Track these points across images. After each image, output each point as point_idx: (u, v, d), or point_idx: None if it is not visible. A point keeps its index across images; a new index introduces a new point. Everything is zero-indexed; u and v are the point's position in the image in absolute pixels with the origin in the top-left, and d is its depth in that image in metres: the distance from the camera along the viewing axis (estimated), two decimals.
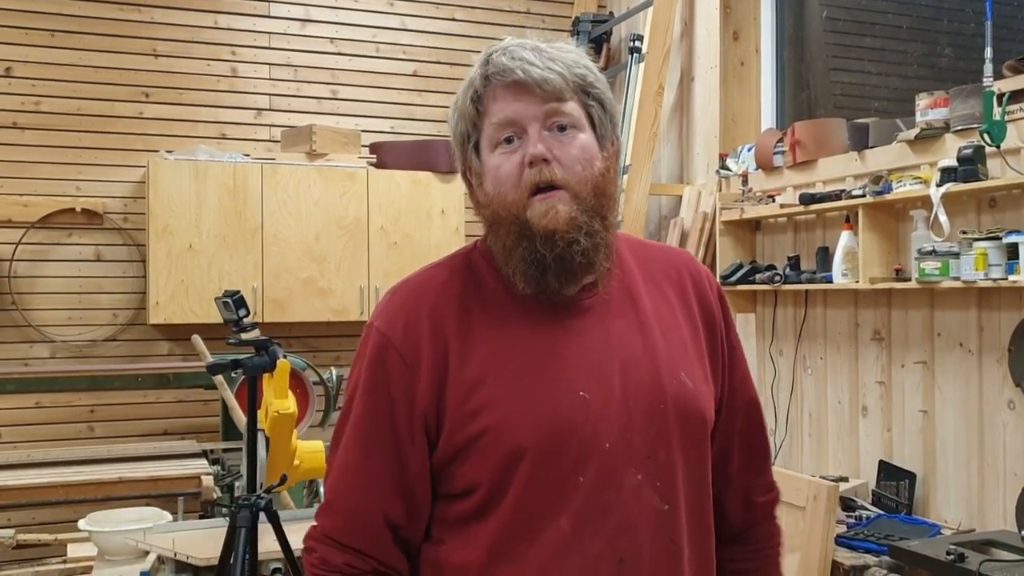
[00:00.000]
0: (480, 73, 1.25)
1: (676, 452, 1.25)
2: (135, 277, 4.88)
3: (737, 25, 4.61)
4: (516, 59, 1.21)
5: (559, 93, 1.21)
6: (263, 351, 2.52)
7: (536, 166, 1.19)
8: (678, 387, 1.26)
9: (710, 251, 4.46)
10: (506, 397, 1.20)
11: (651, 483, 1.22)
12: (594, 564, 1.18)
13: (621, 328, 1.27)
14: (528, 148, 1.20)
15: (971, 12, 3.59)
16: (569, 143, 1.21)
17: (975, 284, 2.96)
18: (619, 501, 1.19)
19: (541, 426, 1.19)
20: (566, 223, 1.19)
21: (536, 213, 1.19)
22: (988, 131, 2.89)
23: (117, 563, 2.83)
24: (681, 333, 1.32)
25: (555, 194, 1.20)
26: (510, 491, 1.19)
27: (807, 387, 3.99)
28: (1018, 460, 3.03)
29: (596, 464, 1.19)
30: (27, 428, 4.67)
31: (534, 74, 1.20)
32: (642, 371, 1.25)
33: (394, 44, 5.41)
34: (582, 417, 1.20)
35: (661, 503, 1.22)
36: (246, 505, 2.39)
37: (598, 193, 1.22)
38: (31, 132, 4.74)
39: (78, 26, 4.82)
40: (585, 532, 1.18)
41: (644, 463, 1.21)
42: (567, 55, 1.24)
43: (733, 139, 4.53)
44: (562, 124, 1.22)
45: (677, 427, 1.25)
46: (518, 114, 1.21)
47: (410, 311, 1.26)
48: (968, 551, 2.64)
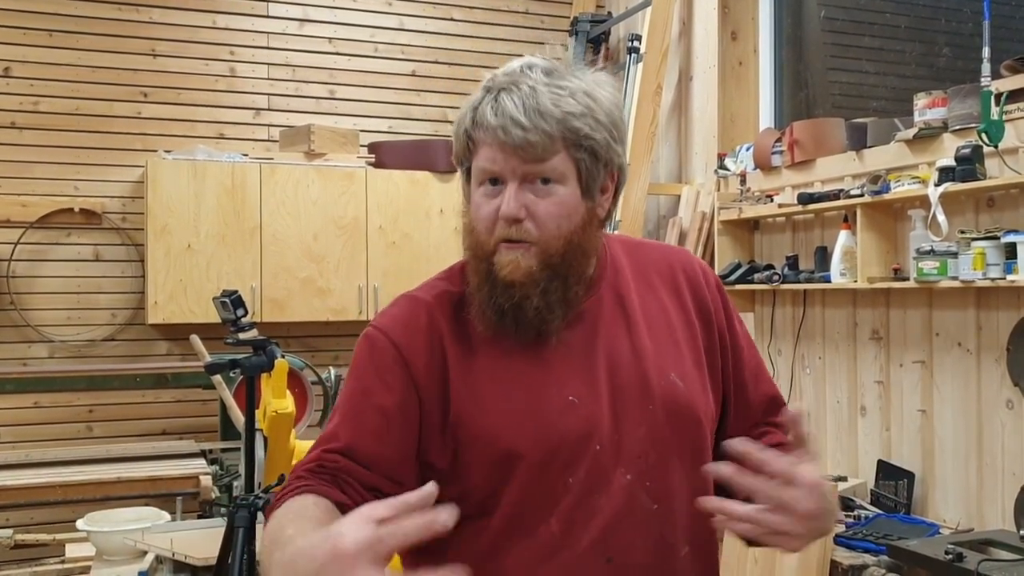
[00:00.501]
0: (470, 117, 1.23)
1: (669, 452, 1.25)
2: (133, 277, 4.88)
3: (735, 25, 4.62)
4: (501, 114, 1.18)
5: (542, 155, 1.19)
6: (261, 351, 2.52)
7: (507, 223, 1.20)
8: (667, 387, 1.27)
9: (708, 251, 4.46)
10: (497, 405, 1.22)
11: (641, 483, 1.23)
12: (582, 562, 1.20)
13: (611, 332, 1.28)
14: (503, 206, 1.20)
15: (969, 12, 3.59)
16: (548, 198, 1.21)
17: (973, 284, 2.96)
18: (607, 501, 1.21)
19: (533, 432, 1.20)
20: (524, 276, 1.21)
21: (501, 261, 1.21)
22: (986, 131, 2.89)
23: (115, 563, 2.83)
24: (674, 333, 1.32)
25: (522, 246, 1.21)
26: (504, 495, 1.20)
27: (806, 387, 3.99)
28: (1016, 459, 3.03)
29: (586, 466, 1.21)
30: (25, 428, 4.67)
31: (516, 137, 1.18)
32: (630, 372, 1.26)
33: (392, 44, 5.41)
34: (572, 422, 1.21)
35: (651, 502, 1.23)
36: (244, 505, 2.39)
37: (569, 248, 1.23)
38: (29, 132, 4.73)
39: (76, 26, 4.82)
40: (574, 531, 1.20)
41: (634, 463, 1.23)
42: (566, 101, 1.19)
43: (731, 139, 4.53)
44: (545, 177, 1.21)
45: (668, 427, 1.25)
46: (499, 167, 1.21)
47: (408, 317, 1.28)
48: (967, 551, 2.64)
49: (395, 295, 1.37)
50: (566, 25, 5.59)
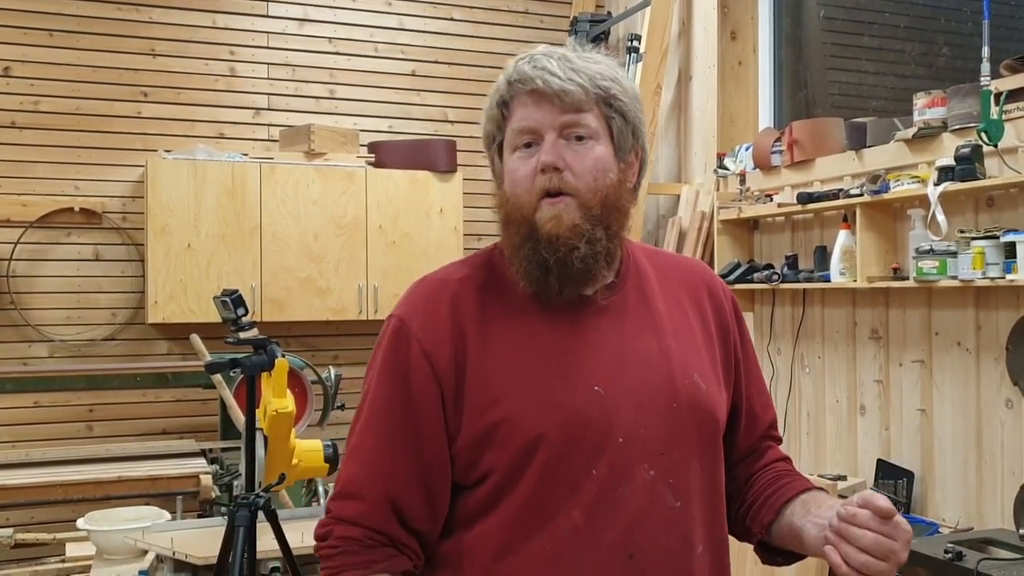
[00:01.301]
0: (505, 80, 1.28)
1: (690, 451, 1.28)
2: (134, 276, 4.88)
3: (735, 24, 4.62)
4: (538, 68, 1.24)
5: (578, 104, 1.24)
6: (261, 350, 2.52)
7: (547, 173, 1.23)
8: (691, 387, 1.29)
9: (708, 250, 4.46)
10: (523, 388, 1.23)
11: (664, 479, 1.24)
12: (605, 557, 1.21)
13: (636, 329, 1.30)
14: (541, 155, 1.24)
15: (968, 11, 3.60)
16: (584, 153, 1.25)
17: (973, 283, 2.96)
18: (631, 496, 1.22)
19: (557, 417, 1.22)
20: (569, 229, 1.23)
21: (543, 216, 1.24)
22: (986, 130, 2.89)
23: (116, 562, 2.83)
24: (695, 338, 1.35)
25: (563, 200, 1.24)
26: (524, 479, 1.21)
27: (805, 386, 3.99)
28: (1016, 458, 3.04)
29: (609, 458, 1.22)
30: (26, 427, 4.67)
31: (553, 85, 1.23)
32: (656, 370, 1.28)
33: (392, 44, 5.41)
34: (596, 411, 1.23)
35: (674, 500, 1.25)
36: (245, 504, 2.39)
37: (607, 204, 1.26)
38: (30, 132, 4.74)
39: (77, 26, 4.82)
40: (597, 525, 1.21)
41: (657, 459, 1.25)
42: (594, 66, 1.26)
43: (731, 138, 4.54)
44: (579, 134, 1.25)
45: (690, 426, 1.28)
46: (536, 122, 1.25)
47: (430, 302, 1.29)
48: (966, 550, 2.65)
49: (395, 295, 1.39)
50: (566, 25, 5.59)
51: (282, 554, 2.47)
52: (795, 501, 1.34)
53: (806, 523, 1.28)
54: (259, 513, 2.42)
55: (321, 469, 2.82)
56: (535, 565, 1.21)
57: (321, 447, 2.81)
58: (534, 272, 1.25)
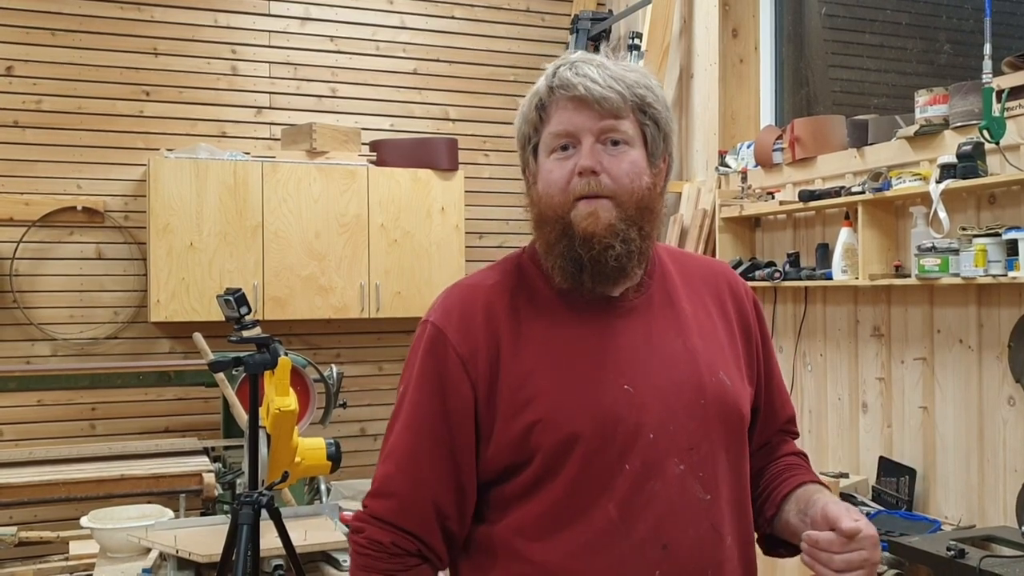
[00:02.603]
0: (546, 84, 1.31)
1: (717, 446, 1.32)
2: (136, 275, 4.89)
3: (736, 22, 4.62)
4: (580, 75, 1.28)
5: (616, 111, 1.28)
6: (264, 348, 2.52)
7: (585, 176, 1.27)
8: (717, 385, 1.33)
9: (710, 248, 4.46)
10: (556, 388, 1.27)
11: (694, 473, 1.28)
12: (639, 548, 1.25)
13: (662, 328, 1.34)
14: (580, 159, 1.27)
15: (970, 8, 3.59)
16: (620, 158, 1.28)
17: (975, 280, 2.97)
18: (663, 489, 1.26)
19: (591, 415, 1.26)
20: (605, 229, 1.26)
21: (579, 215, 1.27)
22: (988, 127, 2.89)
23: (119, 560, 2.84)
24: (718, 337, 1.39)
25: (600, 200, 1.27)
26: (561, 475, 1.25)
27: (807, 384, 3.99)
28: (1018, 456, 3.04)
29: (641, 453, 1.26)
30: (29, 426, 4.68)
31: (595, 92, 1.26)
32: (683, 369, 1.32)
33: (394, 42, 5.42)
34: (626, 408, 1.27)
35: (704, 493, 1.29)
36: (248, 502, 2.39)
37: (641, 206, 1.29)
38: (32, 131, 4.74)
39: (79, 25, 4.82)
40: (630, 517, 1.25)
41: (687, 454, 1.28)
42: (630, 74, 1.30)
43: (732, 136, 4.54)
44: (615, 139, 1.28)
45: (717, 422, 1.32)
46: (575, 126, 1.28)
47: (464, 306, 1.33)
48: (969, 547, 2.65)
49: (396, 294, 1.40)
50: (567, 23, 5.59)
51: (285, 552, 2.48)
52: (791, 497, 1.40)
53: (798, 522, 1.35)
54: (262, 511, 2.42)
55: (324, 467, 2.82)
56: (571, 554, 1.24)
57: (324, 445, 2.81)
58: (568, 268, 1.29)
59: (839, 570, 1.20)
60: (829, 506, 1.25)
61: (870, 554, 1.20)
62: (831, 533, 1.21)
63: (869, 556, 1.20)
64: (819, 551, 1.22)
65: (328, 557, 2.71)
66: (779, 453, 1.49)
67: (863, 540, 1.20)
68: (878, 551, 1.22)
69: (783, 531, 1.41)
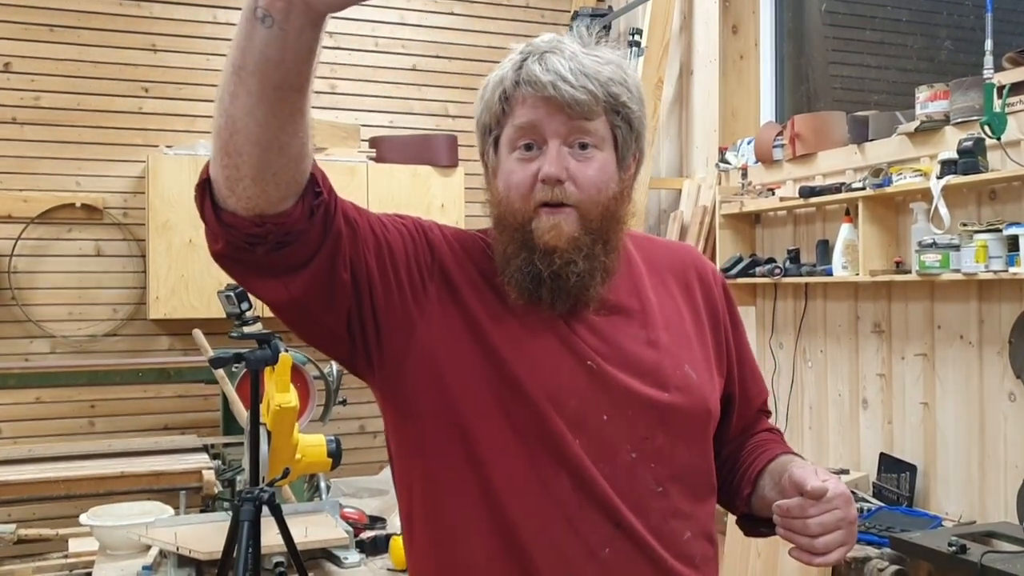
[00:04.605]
0: (512, 77, 1.22)
1: (677, 440, 1.27)
2: (135, 272, 4.88)
3: (736, 18, 4.61)
4: (550, 70, 1.18)
5: (587, 113, 1.19)
6: (265, 345, 2.51)
7: (549, 184, 1.19)
8: (682, 378, 1.28)
9: (710, 244, 4.46)
10: (512, 352, 1.21)
11: (645, 463, 1.24)
12: (592, 522, 1.21)
13: (626, 321, 1.28)
14: (545, 165, 1.19)
15: (970, 4, 3.59)
16: (587, 162, 1.21)
17: (975, 276, 2.96)
18: (612, 474, 1.21)
19: (545, 377, 1.21)
20: (568, 242, 1.19)
21: (541, 226, 1.19)
22: (988, 123, 2.89)
23: (119, 557, 2.83)
24: (685, 328, 1.34)
25: (563, 211, 1.20)
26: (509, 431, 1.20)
27: (807, 380, 3.99)
28: (1019, 452, 3.04)
29: (592, 432, 1.21)
30: (28, 423, 4.68)
31: (565, 93, 1.17)
32: (646, 360, 1.26)
33: (393, 38, 5.41)
34: (584, 382, 1.22)
35: (655, 484, 1.24)
36: (249, 499, 2.38)
37: (606, 216, 1.22)
38: (30, 127, 4.73)
39: (77, 21, 4.81)
40: (583, 494, 1.20)
41: (640, 443, 1.23)
42: (604, 69, 1.21)
43: (733, 132, 4.53)
44: (584, 142, 1.21)
45: (679, 416, 1.27)
46: (542, 126, 1.20)
47: (464, 237, 1.29)
48: (970, 543, 2.65)
49: None
50: (566, 19, 5.58)
51: (286, 549, 2.47)
52: (765, 472, 1.35)
53: (775, 495, 1.29)
54: (263, 508, 2.42)
55: (324, 464, 2.81)
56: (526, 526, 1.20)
57: (324, 442, 2.80)
58: (526, 283, 1.21)
59: (816, 534, 1.15)
60: (794, 471, 1.19)
61: (844, 512, 1.16)
62: (800, 498, 1.16)
63: (844, 514, 1.16)
64: (792, 519, 1.17)
65: (329, 554, 2.71)
66: (752, 431, 1.45)
67: (834, 499, 1.15)
68: (852, 507, 1.18)
69: (762, 508, 1.35)
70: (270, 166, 1.05)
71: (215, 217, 1.09)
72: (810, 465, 1.24)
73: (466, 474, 1.21)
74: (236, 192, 1.06)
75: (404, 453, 1.29)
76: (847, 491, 1.18)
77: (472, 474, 1.21)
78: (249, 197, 1.06)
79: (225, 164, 1.05)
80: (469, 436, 1.20)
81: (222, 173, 1.06)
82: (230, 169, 1.05)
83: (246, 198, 1.06)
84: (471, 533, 1.21)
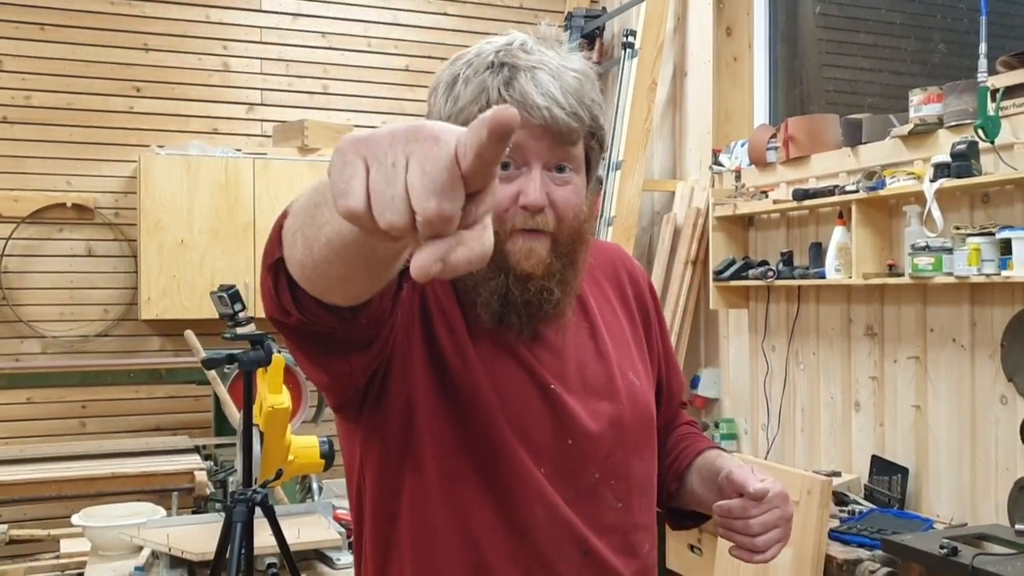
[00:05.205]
0: (498, 90, 1.13)
1: (630, 450, 1.27)
2: (126, 272, 4.86)
3: (730, 20, 4.62)
4: (545, 95, 1.11)
5: (573, 139, 1.15)
6: (258, 346, 2.51)
7: (531, 212, 1.14)
8: (629, 387, 1.28)
9: (703, 247, 4.46)
10: (477, 379, 1.18)
11: (607, 482, 1.23)
12: (562, 550, 1.20)
13: (576, 333, 1.27)
14: (529, 192, 1.13)
15: (964, 7, 3.60)
16: (564, 186, 1.16)
17: (968, 279, 2.97)
18: (575, 499, 1.21)
19: (512, 409, 1.19)
20: (543, 269, 1.15)
21: (516, 249, 1.15)
22: (982, 127, 2.90)
23: (111, 558, 2.81)
24: (624, 333, 1.33)
25: (539, 236, 1.15)
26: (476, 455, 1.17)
27: (800, 382, 4.00)
28: (1010, 454, 3.05)
29: (556, 459, 1.20)
30: (19, 424, 4.66)
31: (560, 121, 1.12)
32: (597, 372, 1.26)
33: (386, 39, 5.40)
34: (549, 411, 1.20)
35: (616, 501, 1.24)
36: (242, 500, 2.38)
37: (576, 239, 1.19)
38: (21, 127, 4.71)
39: (68, 20, 4.79)
40: (553, 523, 1.19)
41: (602, 462, 1.23)
42: (585, 87, 1.15)
43: (726, 135, 4.54)
44: (562, 165, 1.16)
45: (631, 426, 1.27)
46: (526, 149, 1.14)
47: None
48: (961, 545, 2.65)
49: None
50: (560, 20, 5.58)
51: (279, 550, 2.46)
52: (692, 467, 1.38)
53: (706, 493, 1.32)
54: (256, 509, 2.41)
55: (317, 465, 2.81)
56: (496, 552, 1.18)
57: (317, 443, 2.80)
58: (496, 306, 1.17)
59: (757, 534, 1.20)
60: (733, 472, 1.23)
61: (783, 511, 1.21)
62: (740, 499, 1.20)
63: (782, 512, 1.21)
64: (733, 520, 1.21)
65: (321, 555, 2.70)
66: (674, 425, 1.47)
67: (773, 498, 1.20)
68: (789, 504, 1.22)
69: (689, 502, 1.38)
70: (360, 294, 0.95)
71: (292, 298, 0.97)
72: (746, 465, 1.27)
73: (445, 513, 1.19)
74: (322, 297, 0.95)
75: (381, 490, 1.24)
76: (784, 490, 1.23)
77: (450, 513, 1.18)
78: (335, 300, 0.96)
79: (309, 279, 0.92)
80: (444, 477, 1.18)
81: (307, 285, 0.94)
82: (316, 286, 0.93)
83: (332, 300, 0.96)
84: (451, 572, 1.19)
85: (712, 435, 4.47)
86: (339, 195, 0.65)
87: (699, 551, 3.64)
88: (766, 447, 4.14)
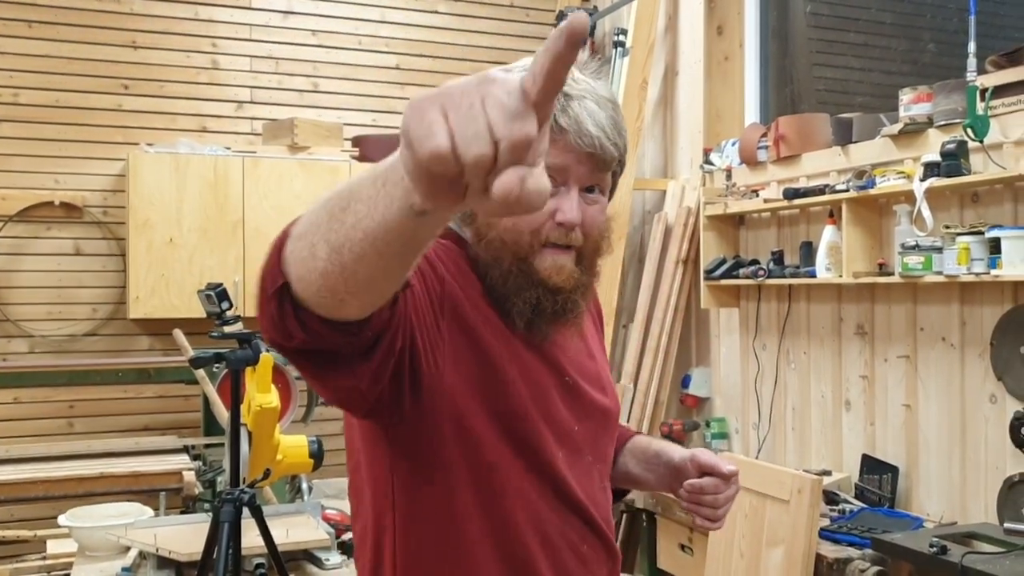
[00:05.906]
0: (554, 119, 1.17)
1: (609, 440, 1.45)
2: (115, 271, 4.83)
3: (721, 19, 4.62)
4: (597, 125, 1.22)
5: (612, 166, 1.26)
6: (246, 344, 2.49)
7: (566, 228, 1.23)
8: (609, 382, 1.45)
9: (694, 246, 4.46)
10: (516, 377, 1.26)
11: (596, 464, 1.38)
12: (573, 528, 1.32)
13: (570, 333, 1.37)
14: (566, 210, 1.22)
15: (954, 7, 3.60)
16: (594, 206, 1.27)
17: (958, 278, 2.98)
18: (578, 478, 1.33)
19: (541, 399, 1.29)
20: (571, 282, 1.26)
21: (546, 265, 1.24)
22: (971, 126, 2.90)
23: (98, 559, 2.80)
24: (595, 337, 1.49)
25: (567, 252, 1.25)
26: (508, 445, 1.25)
27: (790, 381, 4.00)
28: (1000, 453, 3.05)
29: (568, 443, 1.32)
30: (6, 424, 4.63)
31: (607, 151, 1.23)
32: (593, 370, 1.41)
33: (376, 37, 5.38)
34: (567, 399, 1.33)
35: (600, 482, 1.40)
36: (230, 500, 2.36)
37: (596, 252, 1.30)
38: (9, 124, 4.68)
39: (56, 17, 4.76)
40: (568, 504, 1.31)
41: (594, 447, 1.38)
42: (618, 116, 1.26)
43: (717, 134, 4.54)
44: (593, 186, 1.26)
45: (612, 418, 1.44)
46: (569, 171, 1.23)
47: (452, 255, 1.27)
48: (951, 544, 2.66)
49: None
50: (551, 19, 5.57)
51: (267, 550, 2.45)
52: (625, 450, 1.55)
53: (646, 474, 1.52)
54: (244, 509, 2.39)
55: (306, 465, 2.79)
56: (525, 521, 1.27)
57: (306, 443, 2.78)
58: (530, 315, 1.25)
59: (721, 506, 1.41)
60: (698, 455, 1.42)
61: (737, 486, 1.43)
62: (711, 478, 1.40)
63: (737, 488, 1.43)
64: (703, 495, 1.40)
65: (310, 555, 2.69)
66: None
67: (735, 477, 1.42)
68: (739, 481, 1.44)
69: (623, 481, 1.55)
70: (382, 294, 0.98)
71: (295, 320, 0.98)
72: (707, 451, 1.46)
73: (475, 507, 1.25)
74: (333, 312, 0.97)
75: (407, 488, 1.26)
76: (736, 468, 1.43)
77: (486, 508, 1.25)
78: (348, 312, 0.98)
79: (323, 296, 0.95)
80: (483, 470, 1.24)
81: (318, 303, 0.96)
82: (330, 300, 0.95)
83: (345, 313, 0.98)
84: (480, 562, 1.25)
85: (703, 434, 4.47)
86: (423, 139, 0.69)
87: (690, 551, 3.63)
88: (757, 446, 4.14)
